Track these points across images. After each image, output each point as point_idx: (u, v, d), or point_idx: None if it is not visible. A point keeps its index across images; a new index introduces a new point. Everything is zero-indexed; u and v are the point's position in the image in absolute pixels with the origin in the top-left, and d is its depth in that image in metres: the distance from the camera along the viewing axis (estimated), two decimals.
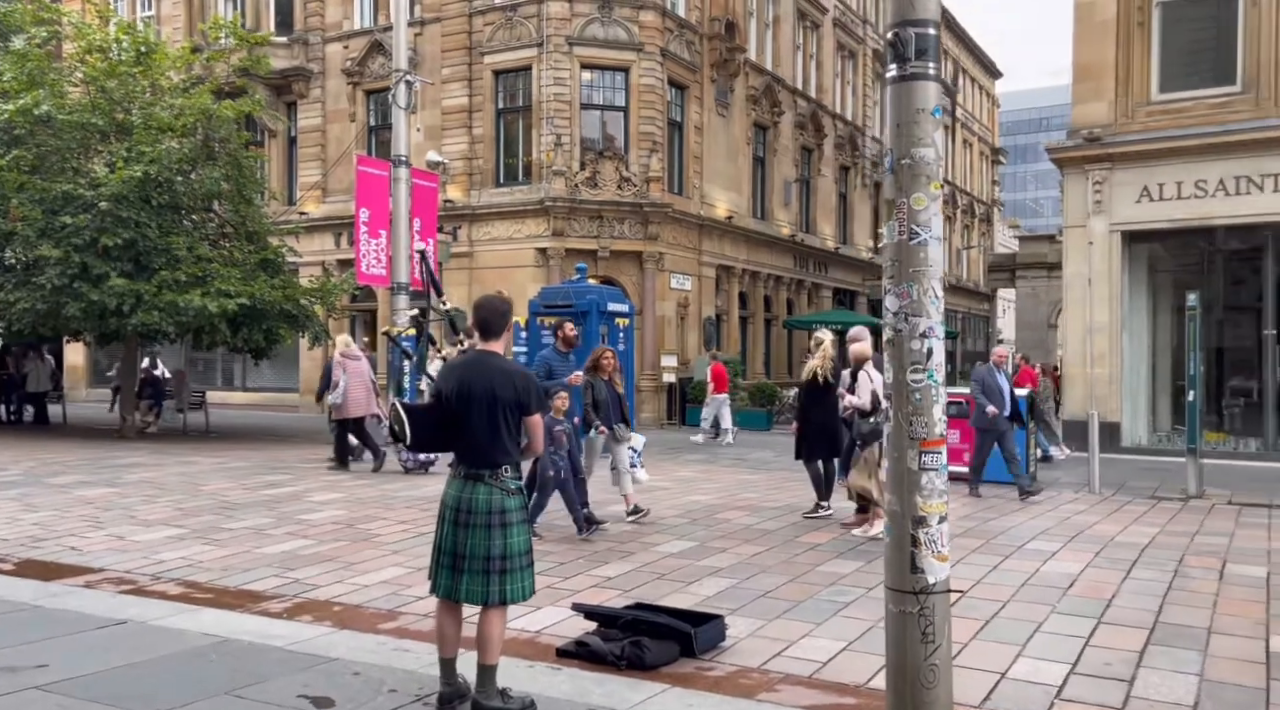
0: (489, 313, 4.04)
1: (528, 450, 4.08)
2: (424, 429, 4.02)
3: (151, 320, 14.80)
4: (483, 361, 3.98)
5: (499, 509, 3.90)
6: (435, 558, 4.03)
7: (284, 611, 5.53)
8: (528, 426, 4.01)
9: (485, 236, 22.17)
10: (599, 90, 21.82)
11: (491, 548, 3.87)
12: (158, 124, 15.86)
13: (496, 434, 3.90)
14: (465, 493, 3.93)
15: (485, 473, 3.92)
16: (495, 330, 4.05)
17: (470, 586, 3.87)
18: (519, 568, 3.91)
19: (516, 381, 3.93)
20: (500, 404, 3.89)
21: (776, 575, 6.24)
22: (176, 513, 8.63)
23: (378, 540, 7.46)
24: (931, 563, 3.29)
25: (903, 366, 3.32)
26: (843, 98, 31.61)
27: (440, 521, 4.03)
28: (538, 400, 3.99)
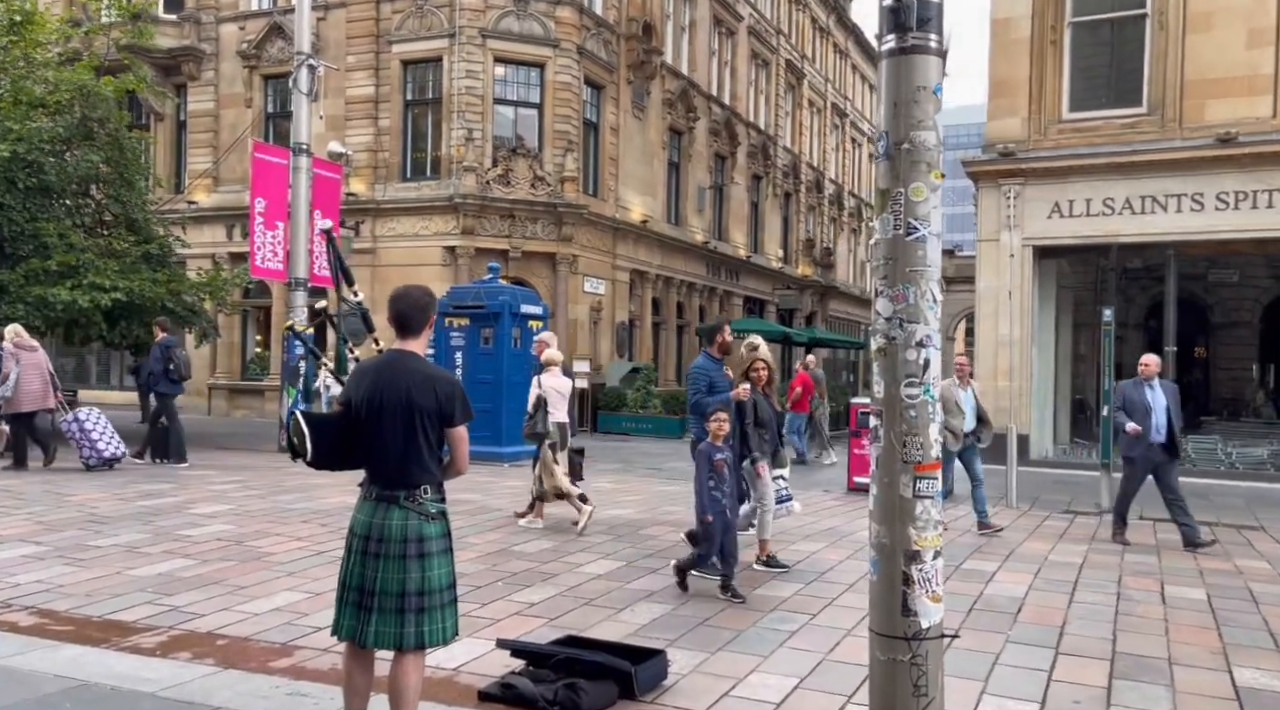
0: (408, 306, 3.47)
1: (450, 469, 3.52)
2: (328, 442, 3.42)
3: (16, 314, 13.44)
4: (398, 363, 3.41)
5: (416, 537, 3.34)
6: (340, 594, 3.44)
7: (158, 647, 4.81)
8: (451, 440, 3.45)
9: (390, 232, 21.25)
10: (513, 86, 21.19)
11: (407, 582, 3.31)
12: (28, 99, 14.50)
13: (413, 448, 3.35)
14: (377, 518, 3.37)
15: (400, 494, 3.36)
16: (414, 327, 3.48)
17: (380, 628, 3.31)
18: (439, 606, 3.36)
19: (438, 387, 3.37)
20: (418, 413, 3.33)
21: (713, 600, 5.81)
22: (36, 527, 7.67)
23: (270, 559, 6.73)
24: (925, 604, 2.89)
25: (896, 379, 2.92)
26: (756, 107, 31.70)
27: (347, 552, 3.45)
28: (463, 409, 3.43)
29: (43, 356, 11.62)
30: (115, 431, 11.79)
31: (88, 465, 11.34)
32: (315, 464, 3.45)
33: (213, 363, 22.91)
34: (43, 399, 11.44)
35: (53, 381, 11.64)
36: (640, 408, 21.14)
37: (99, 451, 11.35)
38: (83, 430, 11.37)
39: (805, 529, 8.51)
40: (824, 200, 38.51)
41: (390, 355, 3.47)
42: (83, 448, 11.37)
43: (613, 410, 21.31)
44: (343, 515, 8.55)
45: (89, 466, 11.32)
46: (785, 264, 34.35)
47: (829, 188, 39.09)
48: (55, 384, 11.76)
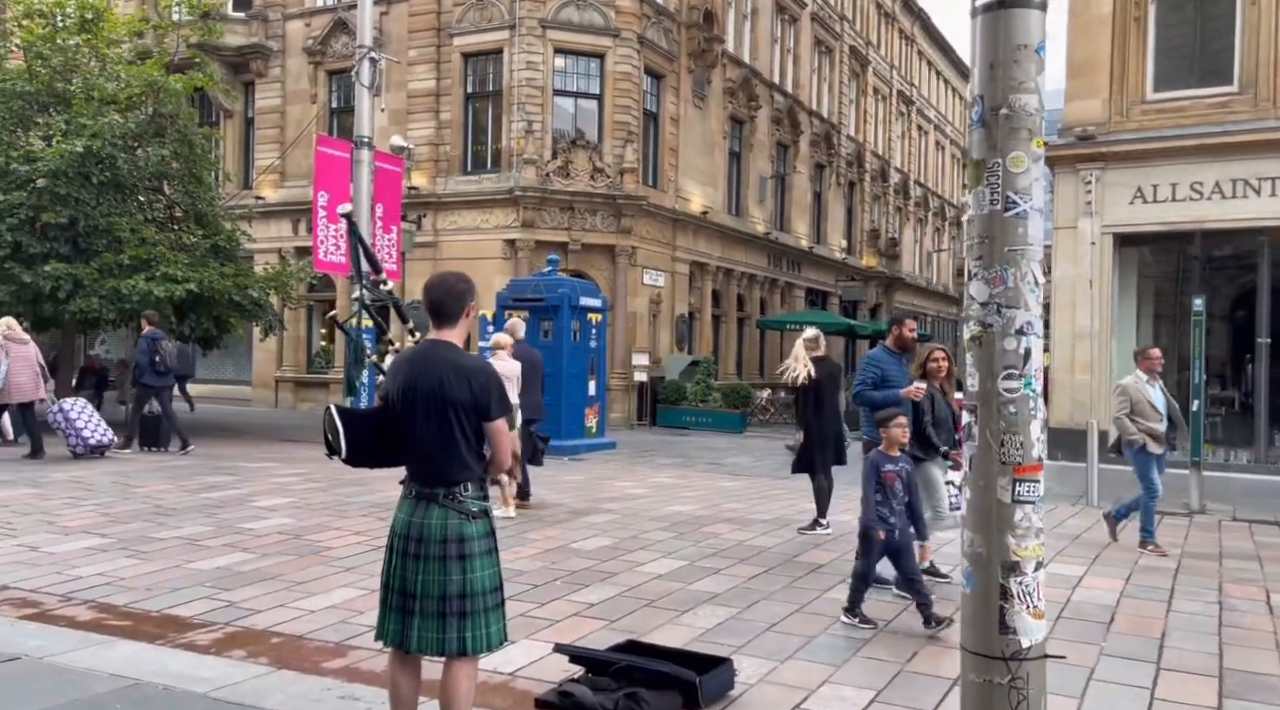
0: (442, 293, 3.26)
1: (491, 465, 3.31)
2: (362, 439, 3.24)
3: (90, 307, 13.76)
4: (432, 355, 3.20)
5: (456, 537, 3.14)
6: (384, 597, 3.26)
7: (212, 645, 4.72)
8: (489, 435, 3.23)
9: (451, 226, 21.28)
10: (573, 77, 21.02)
11: (448, 585, 3.11)
12: (100, 96, 14.79)
13: (450, 444, 3.14)
14: (416, 517, 3.17)
15: (439, 492, 3.16)
16: (450, 315, 3.26)
17: (423, 633, 3.12)
18: (483, 609, 3.16)
19: (472, 379, 3.16)
20: (452, 407, 3.13)
21: (780, 603, 5.54)
22: (102, 519, 7.73)
23: (328, 554, 6.65)
24: (1026, 621, 2.59)
25: (992, 372, 2.62)
26: (819, 95, 31.09)
27: (389, 552, 3.27)
28: (499, 402, 3.21)
29: (33, 350, 11.95)
30: (102, 420, 12.10)
31: (75, 453, 11.58)
32: (350, 461, 3.28)
33: (279, 356, 23.27)
34: (32, 391, 11.78)
35: (43, 374, 11.99)
36: (700, 401, 20.87)
37: (84, 439, 11.62)
38: (68, 420, 11.66)
39: None
40: (889, 189, 37.68)
41: (425, 346, 3.27)
42: (69, 436, 11.64)
43: (672, 404, 21.07)
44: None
45: (76, 454, 11.57)
46: (849, 255, 33.69)
47: (894, 177, 38.23)
48: (45, 376, 12.13)
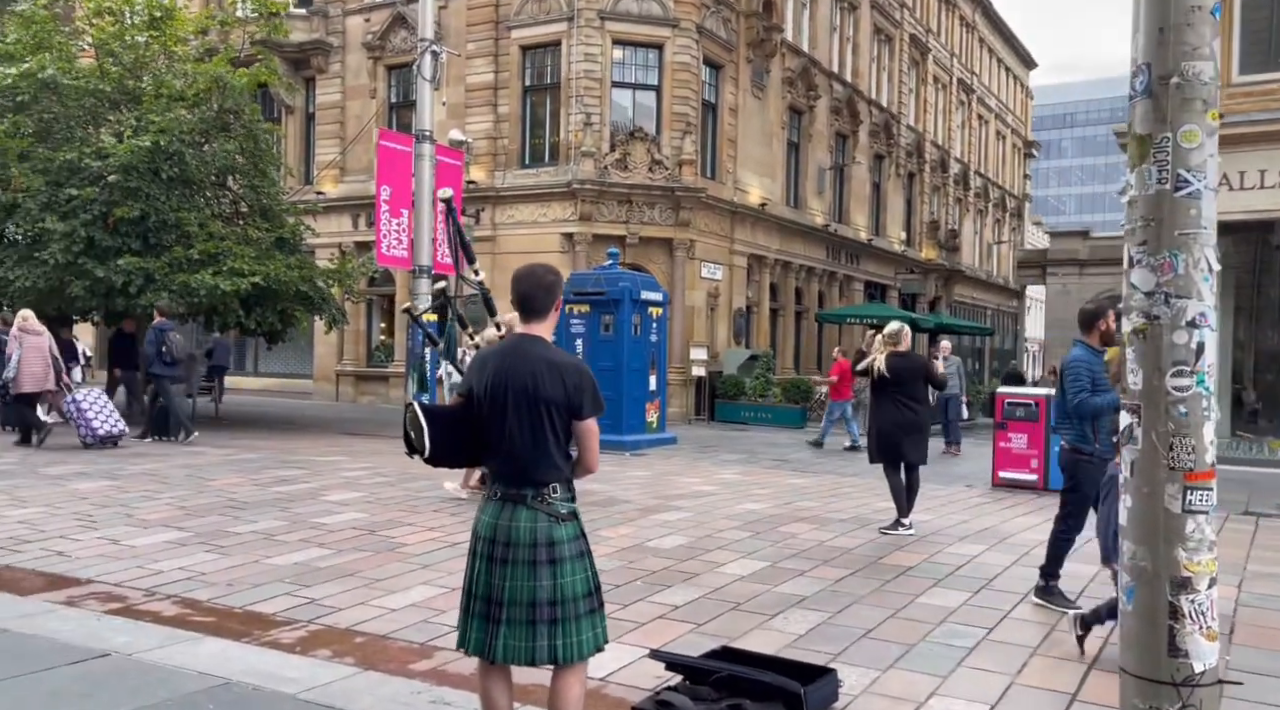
0: (532, 286, 3.10)
1: (579, 466, 3.16)
2: (447, 437, 3.09)
3: (160, 300, 13.95)
4: (523, 349, 3.05)
5: (546, 540, 2.99)
6: (466, 603, 3.11)
7: (297, 643, 4.65)
8: (579, 434, 3.08)
9: (509, 220, 21.27)
10: (631, 68, 20.85)
11: (537, 591, 2.96)
12: (169, 92, 15.00)
13: (541, 444, 3.00)
14: (502, 519, 3.02)
15: (527, 493, 3.01)
16: (540, 309, 3.11)
17: (510, 641, 2.96)
18: (575, 616, 3.00)
19: (566, 376, 3.00)
20: (544, 405, 2.98)
21: (872, 607, 5.32)
22: (179, 512, 7.77)
23: (404, 551, 6.58)
24: (1199, 643, 2.36)
25: (1159, 368, 2.40)
26: (878, 84, 30.52)
27: (472, 556, 3.12)
28: (592, 400, 3.05)
29: (46, 340, 12.26)
30: (115, 411, 12.37)
31: (85, 443, 11.87)
32: (432, 460, 3.13)
33: (339, 350, 23.51)
34: (43, 380, 12.09)
35: (56, 365, 12.28)
36: (759, 396, 20.61)
37: (93, 429, 11.90)
38: (79, 410, 11.93)
39: (958, 529, 7.88)
40: (949, 180, 36.91)
41: (514, 341, 3.12)
42: (80, 427, 11.92)
43: (731, 399, 20.84)
44: (474, 505, 8.41)
45: (86, 444, 11.86)
46: (908, 247, 33.08)
47: (954, 167, 37.43)
48: (59, 367, 12.41)
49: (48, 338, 12.37)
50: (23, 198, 13.96)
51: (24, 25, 15.10)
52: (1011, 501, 9.74)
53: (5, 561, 6.09)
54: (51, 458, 10.99)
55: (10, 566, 5.98)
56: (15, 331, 12.01)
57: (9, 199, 14.10)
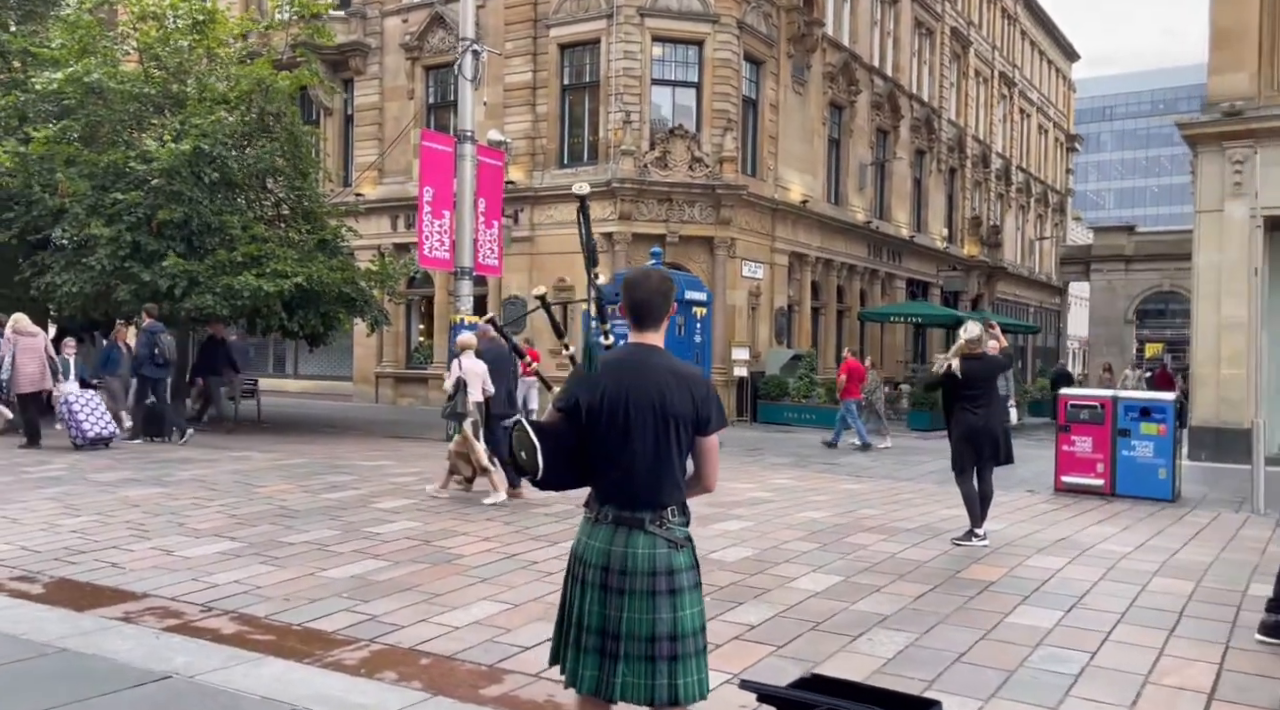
0: (648, 292, 2.86)
1: (698, 485, 2.90)
2: (560, 457, 2.81)
3: (205, 303, 13.94)
4: (643, 360, 2.81)
5: (665, 568, 2.73)
6: (564, 633, 2.86)
7: (361, 664, 4.46)
8: (702, 451, 2.84)
9: (547, 220, 21.12)
10: (670, 65, 20.61)
11: (657, 625, 2.70)
12: (212, 96, 14.98)
13: (665, 462, 2.75)
14: (617, 545, 2.75)
15: (645, 517, 2.75)
16: (656, 317, 2.87)
17: (629, 679, 2.70)
18: (693, 652, 2.75)
19: (695, 389, 2.77)
20: (673, 421, 2.73)
21: (960, 628, 5.04)
22: (230, 521, 7.65)
23: (461, 563, 6.38)
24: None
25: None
26: (919, 78, 30.04)
27: (573, 583, 2.85)
28: (719, 414, 2.82)
29: (41, 342, 12.49)
30: (107, 413, 12.53)
31: (75, 444, 12.02)
32: (545, 483, 2.86)
33: (379, 352, 23.50)
34: (39, 381, 12.28)
35: (51, 366, 12.47)
36: (803, 397, 20.28)
37: (84, 432, 12.07)
38: (71, 412, 12.10)
39: (1033, 539, 7.56)
40: (990, 176, 36.28)
41: (631, 350, 2.86)
42: (71, 428, 12.11)
43: (774, 400, 20.54)
44: (525, 513, 8.22)
45: (76, 445, 12.02)
46: (950, 244, 32.54)
47: (996, 162, 36.79)
48: (55, 368, 12.59)
49: (43, 339, 12.66)
50: (70, 202, 13.99)
51: (69, 30, 15.15)
52: (1079, 508, 9.38)
53: (61, 573, 5.98)
54: (101, 463, 10.96)
55: (66, 579, 5.86)
56: (9, 334, 12.26)
57: (56, 204, 14.14)
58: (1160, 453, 10.35)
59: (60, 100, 14.83)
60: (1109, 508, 9.45)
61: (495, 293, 21.18)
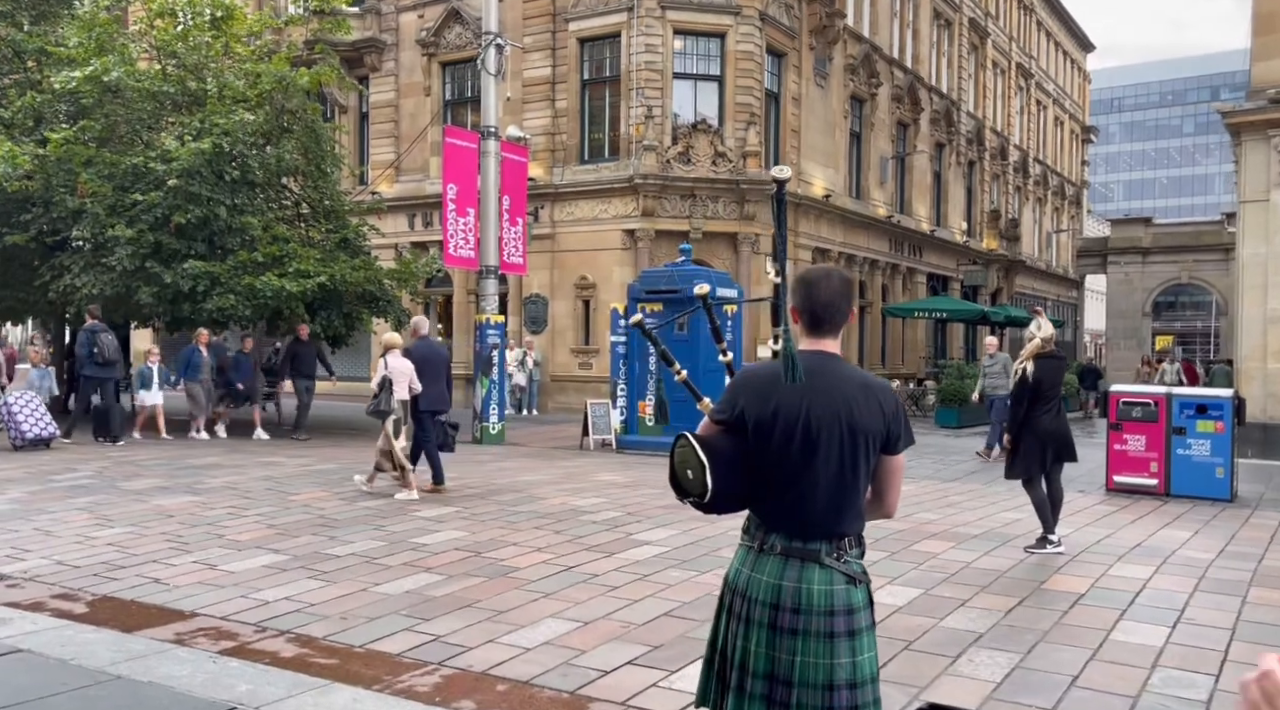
0: (830, 294, 2.51)
1: (879, 510, 2.57)
2: (730, 478, 2.44)
3: (228, 304, 13.69)
4: (825, 370, 2.45)
5: (845, 607, 2.39)
6: (717, 672, 2.53)
7: (435, 691, 4.18)
8: (888, 471, 2.51)
9: (568, 217, 20.83)
10: (692, 58, 20.29)
11: (835, 671, 2.36)
12: (232, 94, 14.72)
13: (850, 486, 2.42)
14: (788, 580, 2.40)
15: (821, 548, 2.41)
16: (836, 321, 2.52)
17: None
18: (871, 701, 2.41)
19: (884, 402, 2.45)
20: (863, 438, 2.40)
21: (1063, 647, 4.73)
22: (270, 532, 7.38)
23: (518, 576, 6.10)
24: None
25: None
26: (938, 70, 29.66)
27: (731, 619, 2.50)
28: (908, 430, 2.50)
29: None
30: (46, 413, 12.59)
31: (15, 445, 12.12)
32: (712, 505, 2.46)
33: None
34: None
35: (6, 370, 12.56)
36: None
37: (23, 433, 12.16)
38: (10, 414, 12.21)
39: (1107, 546, 7.25)
40: (1008, 168, 35.89)
41: (810, 358, 2.48)
42: (9, 429, 12.17)
43: None
44: (571, 520, 7.94)
45: (16, 447, 12.12)
46: (969, 237, 32.16)
47: (1014, 154, 36.38)
48: (9, 374, 12.76)
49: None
50: (89, 203, 13.74)
51: (85, 29, 14.89)
52: (1138, 510, 9.07)
53: (102, 590, 5.71)
54: (128, 470, 10.71)
55: (108, 597, 5.59)
56: None
57: (76, 204, 13.89)
58: (1218, 451, 10.03)
59: (77, 100, 14.58)
60: (1169, 509, 9.14)
61: (516, 291, 20.89)
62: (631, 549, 6.89)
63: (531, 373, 20.31)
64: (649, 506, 8.67)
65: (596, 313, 20.16)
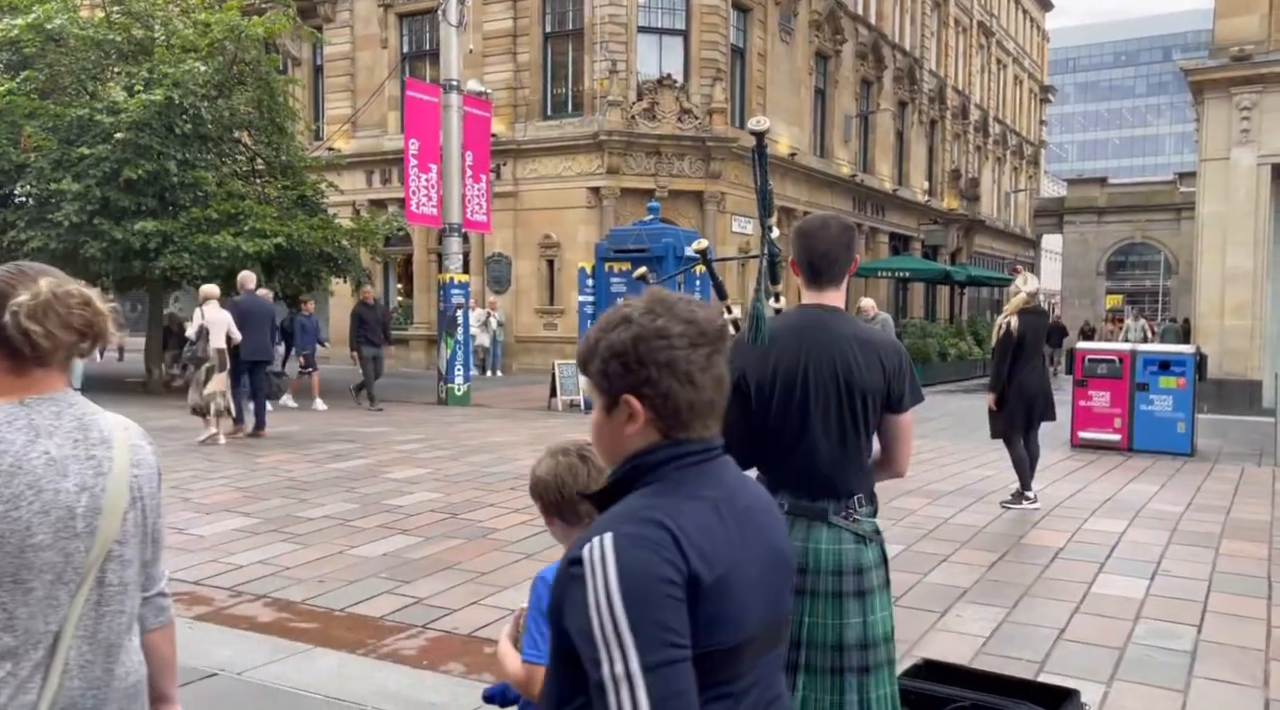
0: (828, 243, 2.43)
1: (887, 469, 2.51)
2: (732, 439, 2.39)
3: (181, 263, 13.28)
4: (824, 325, 2.38)
5: (854, 567, 2.34)
6: None
7: (421, 655, 4.10)
8: (894, 431, 2.43)
9: (531, 174, 20.49)
10: (657, 12, 19.94)
11: (845, 631, 2.32)
12: (181, 43, 14.14)
13: (851, 444, 2.35)
14: (796, 540, 2.33)
15: (828, 507, 2.35)
16: (836, 272, 2.45)
17: (808, 694, 2.32)
18: (885, 662, 2.37)
19: (885, 358, 2.36)
20: (860, 395, 2.32)
21: (1047, 601, 4.78)
22: (238, 494, 7.21)
23: (497, 537, 6.02)
24: None
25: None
26: (901, 27, 29.53)
27: None
28: (913, 387, 2.42)
29: None
30: None
31: None
32: None
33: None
34: None
35: None
36: None
37: None
38: None
39: (1079, 500, 7.35)
40: (969, 127, 36.00)
41: (807, 314, 2.43)
42: None
43: None
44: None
45: None
46: (931, 197, 32.30)
47: (974, 114, 36.49)
48: None
49: None
50: (34, 158, 13.18)
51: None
52: (1105, 465, 9.23)
53: None
54: None
55: None
56: None
57: (20, 158, 13.32)
58: (1180, 406, 10.22)
59: (19, 49, 13.91)
60: (1133, 464, 9.30)
61: (478, 250, 20.56)
62: None
63: (495, 333, 20.08)
64: None
65: (561, 272, 19.94)
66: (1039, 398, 6.97)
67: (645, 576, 1.12)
